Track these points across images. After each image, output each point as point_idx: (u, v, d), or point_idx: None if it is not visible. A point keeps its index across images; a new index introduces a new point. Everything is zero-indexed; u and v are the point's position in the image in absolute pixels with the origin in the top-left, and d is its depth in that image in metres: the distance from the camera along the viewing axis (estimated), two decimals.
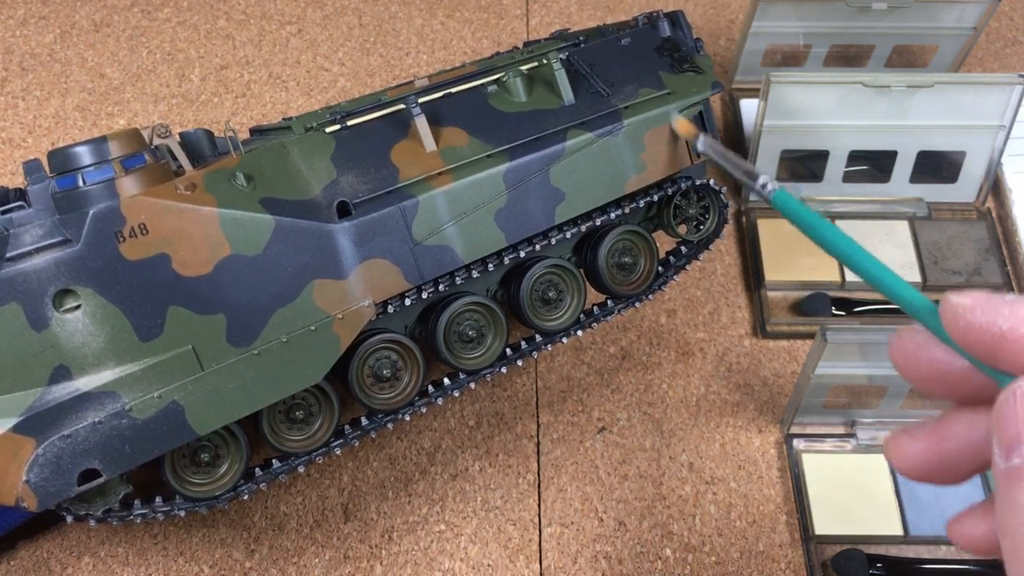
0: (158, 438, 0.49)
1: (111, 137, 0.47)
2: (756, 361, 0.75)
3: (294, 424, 0.57)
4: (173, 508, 0.55)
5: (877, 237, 0.80)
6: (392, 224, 0.54)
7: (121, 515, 0.54)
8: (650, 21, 0.66)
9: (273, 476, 0.57)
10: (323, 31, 0.99)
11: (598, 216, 0.61)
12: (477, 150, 0.57)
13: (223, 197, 0.49)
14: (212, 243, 0.49)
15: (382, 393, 0.58)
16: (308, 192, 0.53)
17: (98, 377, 0.48)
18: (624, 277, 0.64)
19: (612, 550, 0.64)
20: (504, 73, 0.60)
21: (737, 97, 0.92)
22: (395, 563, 0.64)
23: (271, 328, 0.51)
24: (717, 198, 0.66)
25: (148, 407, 0.48)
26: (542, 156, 0.57)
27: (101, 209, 0.46)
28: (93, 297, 0.47)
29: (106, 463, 0.48)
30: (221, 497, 0.56)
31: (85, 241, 0.46)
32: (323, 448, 0.58)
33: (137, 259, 0.47)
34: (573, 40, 0.64)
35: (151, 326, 0.48)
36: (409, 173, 0.55)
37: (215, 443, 0.55)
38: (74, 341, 0.47)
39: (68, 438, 0.47)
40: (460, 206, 0.56)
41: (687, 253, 0.68)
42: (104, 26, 0.99)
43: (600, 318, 0.65)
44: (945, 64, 0.92)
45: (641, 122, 0.60)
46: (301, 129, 0.56)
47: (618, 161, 0.59)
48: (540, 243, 0.59)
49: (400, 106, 0.57)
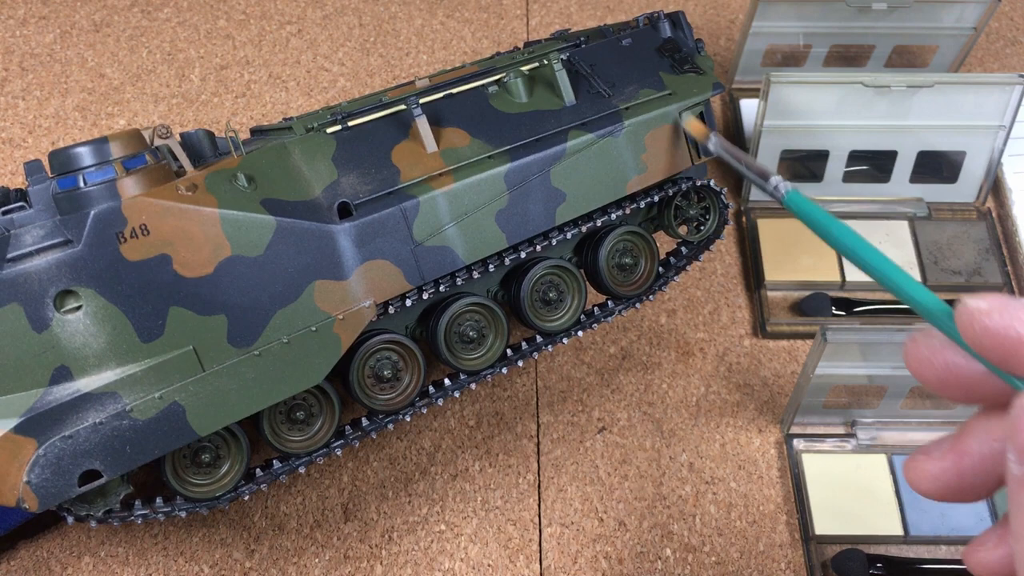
0: (159, 439, 0.49)
1: (112, 138, 0.47)
2: (756, 361, 0.75)
3: (295, 425, 0.57)
4: (174, 509, 0.55)
5: (877, 237, 0.80)
6: (393, 225, 0.54)
7: (122, 516, 0.54)
8: (651, 22, 0.66)
9: (274, 477, 0.57)
10: (323, 31, 0.99)
11: (599, 217, 0.61)
12: (478, 151, 0.56)
13: (224, 198, 0.49)
14: (213, 244, 0.49)
15: (383, 394, 0.58)
16: (309, 193, 0.53)
17: (99, 378, 0.48)
18: (625, 278, 0.64)
19: (612, 550, 0.64)
20: (505, 74, 0.60)
21: (737, 97, 0.92)
22: (395, 563, 0.64)
23: (272, 329, 0.51)
24: (717, 199, 0.66)
25: (149, 408, 0.48)
26: (543, 157, 0.57)
27: (102, 210, 0.46)
28: (94, 298, 0.47)
29: (107, 464, 0.48)
30: (222, 498, 0.56)
31: (86, 242, 0.46)
32: (324, 449, 0.58)
33: (138, 260, 0.47)
34: (574, 41, 0.64)
35: (152, 327, 0.48)
36: (410, 174, 0.55)
37: (216, 444, 0.55)
38: (75, 342, 0.47)
39: (69, 439, 0.47)
40: (461, 207, 0.55)
41: (687, 254, 0.68)
42: (104, 26, 0.99)
43: (601, 319, 0.65)
44: (945, 64, 0.92)
45: (642, 123, 0.60)
46: (302, 130, 0.56)
47: (619, 162, 0.59)
48: (541, 244, 0.59)
49: (401, 107, 0.57)
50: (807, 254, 0.79)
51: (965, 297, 0.24)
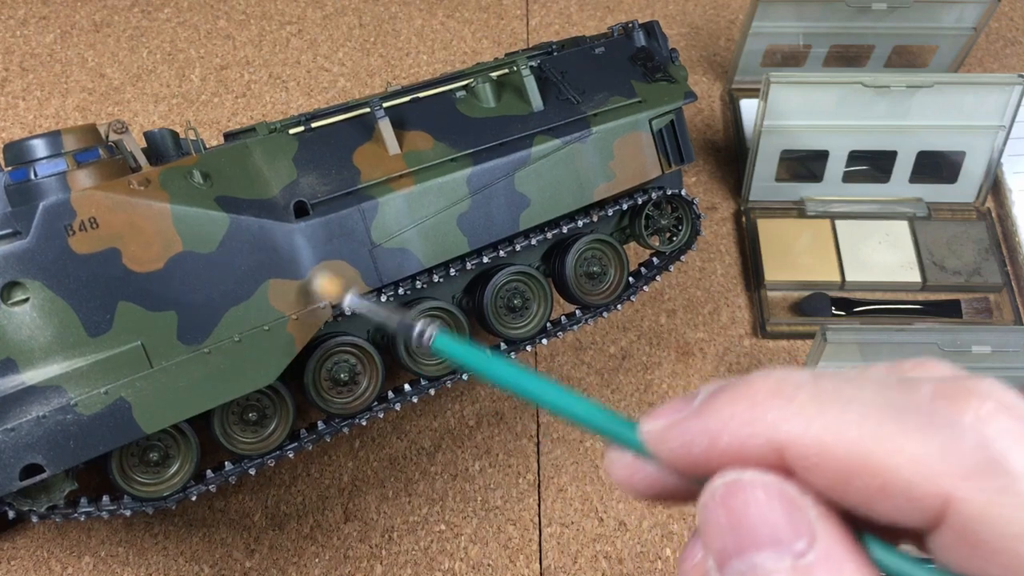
0: (104, 435, 0.49)
1: (66, 131, 0.47)
2: (756, 361, 0.75)
3: (248, 426, 0.56)
4: (120, 508, 0.54)
5: (877, 237, 0.80)
6: (351, 225, 0.53)
7: (66, 512, 0.53)
8: (625, 31, 0.66)
9: (224, 478, 0.56)
10: (323, 31, 0.99)
11: (565, 224, 0.61)
12: (441, 154, 0.56)
13: (177, 193, 0.49)
14: (164, 239, 0.48)
15: (339, 397, 0.58)
16: (267, 192, 0.53)
17: (44, 371, 0.47)
18: (593, 287, 0.64)
19: (612, 550, 0.64)
20: (473, 79, 0.59)
21: (737, 97, 0.92)
22: (395, 563, 0.64)
23: (223, 327, 0.50)
24: (690, 209, 0.66)
25: (94, 403, 0.48)
26: (507, 161, 0.57)
27: (51, 202, 0.46)
28: (41, 290, 0.46)
29: (50, 458, 0.48)
30: (169, 498, 0.55)
31: (34, 234, 0.46)
32: (276, 452, 0.57)
33: (87, 253, 0.47)
34: (546, 48, 0.64)
35: (100, 321, 0.48)
36: (371, 175, 0.55)
37: (165, 443, 0.54)
38: (21, 334, 0.46)
39: (11, 431, 0.47)
40: (421, 209, 0.55)
41: (659, 264, 0.68)
42: (104, 26, 0.99)
43: (568, 327, 0.64)
44: (945, 64, 0.92)
45: (610, 130, 0.59)
46: (266, 131, 0.55)
47: (586, 168, 0.59)
48: (505, 250, 0.59)
49: (365, 109, 0.57)
50: (807, 254, 0.79)
51: (642, 420, 0.22)
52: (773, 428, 0.20)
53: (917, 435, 0.19)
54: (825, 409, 0.20)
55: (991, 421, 0.18)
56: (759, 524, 0.20)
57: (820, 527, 0.20)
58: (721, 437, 0.21)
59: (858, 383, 0.20)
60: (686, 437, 0.21)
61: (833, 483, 0.19)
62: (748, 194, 0.83)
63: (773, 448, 0.20)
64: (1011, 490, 0.18)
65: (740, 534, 0.20)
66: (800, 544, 0.19)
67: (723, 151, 0.89)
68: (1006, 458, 0.18)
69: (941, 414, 0.19)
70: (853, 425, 0.19)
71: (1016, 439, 0.18)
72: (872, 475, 0.19)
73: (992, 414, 0.19)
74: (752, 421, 0.20)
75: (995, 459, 0.18)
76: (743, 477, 0.20)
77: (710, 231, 0.83)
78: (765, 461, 0.20)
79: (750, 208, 0.83)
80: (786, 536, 0.20)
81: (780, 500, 0.20)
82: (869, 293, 0.78)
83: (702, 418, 0.21)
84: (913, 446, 0.19)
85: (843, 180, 0.82)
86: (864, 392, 0.20)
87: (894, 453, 0.19)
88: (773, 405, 0.20)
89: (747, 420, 0.20)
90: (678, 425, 0.22)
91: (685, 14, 1.03)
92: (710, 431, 0.21)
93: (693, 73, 0.96)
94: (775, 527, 0.20)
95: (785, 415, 0.20)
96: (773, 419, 0.20)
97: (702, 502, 0.21)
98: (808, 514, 0.20)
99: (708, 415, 0.21)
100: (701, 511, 0.21)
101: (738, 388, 0.21)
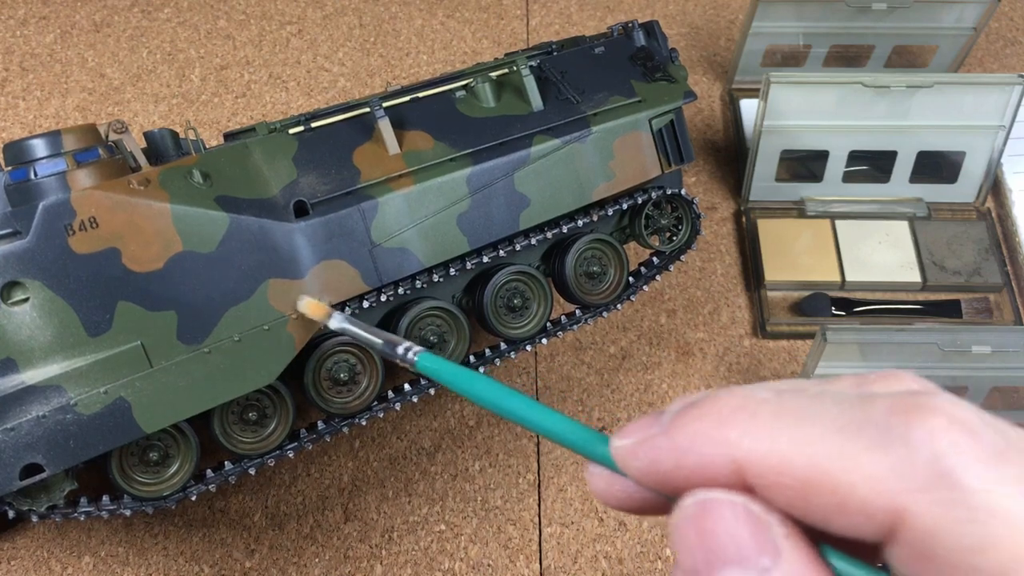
0: (104, 434, 0.49)
1: (66, 131, 0.47)
2: (756, 361, 0.75)
3: (248, 426, 0.56)
4: (120, 507, 0.54)
5: (877, 237, 0.80)
6: (350, 225, 0.53)
7: (65, 512, 0.53)
8: (625, 31, 0.66)
9: (223, 478, 0.56)
10: (323, 31, 0.99)
11: (565, 223, 0.61)
12: (441, 154, 0.56)
13: (177, 193, 0.49)
14: (164, 239, 0.48)
15: (339, 397, 0.58)
16: (267, 192, 0.53)
17: (44, 371, 0.47)
18: (593, 286, 0.64)
19: (612, 550, 0.64)
20: (473, 79, 0.60)
21: (737, 97, 0.92)
22: (395, 563, 0.64)
23: (223, 326, 0.50)
24: (690, 208, 0.66)
25: (94, 403, 0.48)
26: (506, 161, 0.57)
27: (51, 202, 0.46)
28: (41, 290, 0.46)
29: (49, 458, 0.48)
30: (169, 497, 0.55)
31: (34, 234, 0.46)
32: (276, 451, 0.57)
33: (87, 253, 0.47)
34: (546, 48, 0.64)
35: (99, 321, 0.48)
36: (371, 175, 0.55)
37: (165, 442, 0.54)
38: (21, 334, 0.47)
39: (11, 431, 0.47)
40: (421, 209, 0.55)
41: (659, 264, 0.68)
42: (104, 26, 0.99)
43: (568, 327, 0.64)
44: (945, 64, 0.92)
45: (610, 129, 0.59)
46: (266, 131, 0.55)
47: (586, 168, 0.59)
48: (505, 249, 0.59)
49: (365, 109, 0.57)
50: (807, 254, 0.79)
51: (612, 437, 0.23)
52: (735, 447, 0.20)
53: (871, 451, 0.19)
54: (785, 426, 0.20)
55: (942, 436, 0.19)
56: (726, 542, 0.20)
57: (784, 544, 0.20)
58: (687, 456, 0.21)
59: (819, 400, 0.20)
60: (653, 454, 0.22)
61: (792, 500, 0.20)
62: (748, 194, 0.83)
63: (735, 468, 0.20)
64: (961, 503, 0.18)
65: (708, 552, 0.20)
66: (764, 560, 0.20)
67: (723, 151, 0.89)
68: (956, 472, 0.18)
69: (895, 430, 0.19)
70: (811, 443, 0.19)
71: (966, 453, 0.18)
72: (830, 492, 0.19)
73: (944, 429, 0.19)
74: (715, 441, 0.21)
75: (945, 473, 0.18)
76: (711, 496, 0.21)
77: (710, 231, 0.83)
78: (729, 480, 0.21)
79: (750, 208, 0.83)
80: (751, 553, 0.20)
81: (746, 518, 0.20)
82: (869, 293, 0.78)
83: (669, 436, 0.21)
84: (867, 462, 0.19)
85: (843, 180, 0.82)
86: (824, 409, 0.20)
87: (849, 470, 0.19)
88: (737, 421, 0.20)
89: (710, 439, 0.21)
90: (646, 443, 0.22)
91: (685, 14, 1.03)
92: (677, 449, 0.21)
93: (693, 73, 0.96)
94: (741, 545, 0.20)
95: (747, 432, 0.20)
96: (735, 438, 0.20)
97: (673, 521, 0.21)
98: (773, 531, 0.20)
99: (675, 433, 0.21)
100: (673, 530, 0.21)
101: (704, 405, 0.21)
